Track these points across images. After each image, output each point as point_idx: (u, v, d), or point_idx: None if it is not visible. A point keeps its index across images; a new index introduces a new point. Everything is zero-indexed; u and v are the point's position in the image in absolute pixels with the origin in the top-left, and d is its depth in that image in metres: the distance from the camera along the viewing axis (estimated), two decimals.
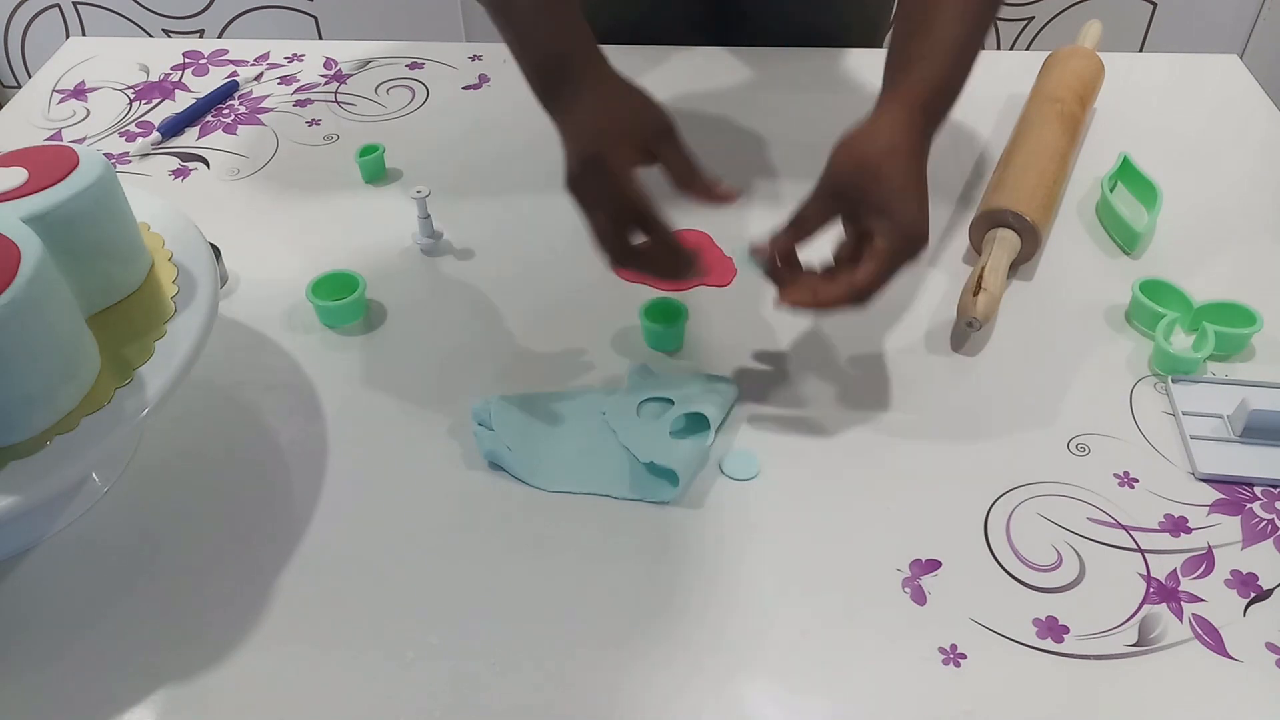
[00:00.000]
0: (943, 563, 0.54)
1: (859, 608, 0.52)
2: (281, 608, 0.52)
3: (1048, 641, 0.51)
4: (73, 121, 0.88)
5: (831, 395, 0.63)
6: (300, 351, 0.66)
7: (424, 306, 0.70)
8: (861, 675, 0.50)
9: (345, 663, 0.50)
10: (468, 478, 0.59)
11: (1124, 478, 0.58)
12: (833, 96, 0.89)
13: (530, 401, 0.62)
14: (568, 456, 0.59)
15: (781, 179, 0.81)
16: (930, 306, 0.69)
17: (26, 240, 0.49)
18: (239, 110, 0.89)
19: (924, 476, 0.59)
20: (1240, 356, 0.66)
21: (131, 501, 0.58)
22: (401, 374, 0.65)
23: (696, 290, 0.71)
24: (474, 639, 0.51)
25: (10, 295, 0.46)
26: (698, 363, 0.65)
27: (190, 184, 0.81)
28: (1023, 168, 0.74)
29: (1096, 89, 0.85)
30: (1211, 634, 0.51)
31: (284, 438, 0.61)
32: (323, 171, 0.82)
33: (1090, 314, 0.69)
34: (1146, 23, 1.76)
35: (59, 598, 0.53)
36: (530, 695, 0.49)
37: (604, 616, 0.52)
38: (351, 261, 0.73)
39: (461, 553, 0.55)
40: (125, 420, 0.50)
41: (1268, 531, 0.56)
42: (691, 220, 0.77)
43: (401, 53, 0.97)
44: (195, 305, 0.56)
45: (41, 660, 0.50)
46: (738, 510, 0.57)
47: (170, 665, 0.50)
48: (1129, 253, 0.74)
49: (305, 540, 0.56)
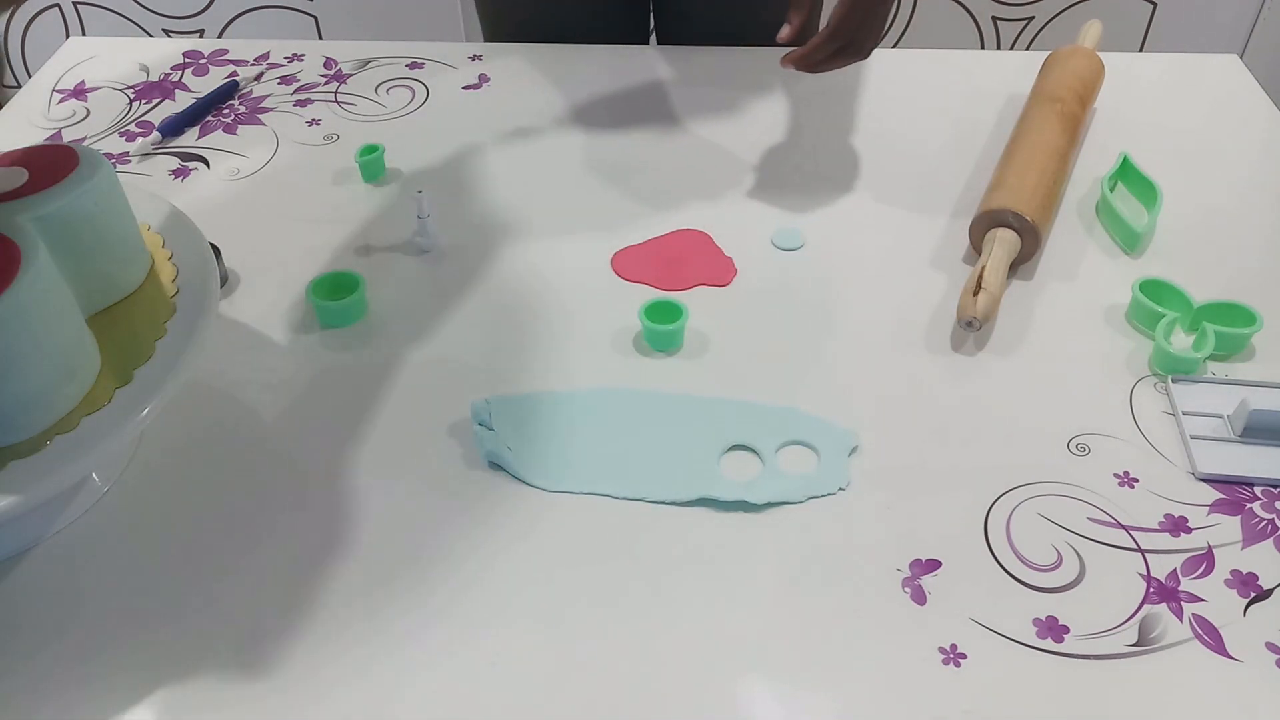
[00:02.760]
0: (943, 563, 0.54)
1: (859, 608, 0.52)
2: (281, 607, 0.52)
3: (1048, 641, 0.51)
4: (73, 121, 0.88)
5: (831, 395, 0.63)
6: (300, 351, 0.66)
7: (424, 306, 0.70)
8: (861, 675, 0.50)
9: (345, 663, 0.50)
10: (468, 478, 0.59)
11: (1124, 478, 0.58)
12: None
13: (530, 401, 0.62)
14: (568, 456, 0.59)
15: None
16: (930, 306, 0.69)
17: (27, 240, 0.49)
18: (239, 110, 0.89)
19: (924, 476, 0.59)
20: (1240, 356, 0.66)
21: (131, 501, 0.58)
22: (401, 374, 0.65)
23: (696, 290, 0.71)
24: (474, 639, 0.51)
25: (10, 295, 0.46)
26: (698, 363, 0.65)
27: (190, 184, 0.81)
28: (1023, 167, 0.74)
29: (1096, 89, 0.85)
30: (1211, 634, 0.51)
31: (284, 438, 0.61)
32: (323, 171, 0.82)
33: (1090, 314, 0.69)
34: (1146, 23, 1.76)
35: (59, 598, 0.53)
36: (530, 694, 0.49)
37: (603, 616, 0.52)
38: (351, 261, 0.73)
39: (461, 553, 0.55)
40: (125, 420, 0.50)
41: (1268, 531, 0.56)
42: (691, 221, 0.77)
43: (401, 53, 0.97)
44: (195, 305, 0.56)
45: (41, 660, 0.50)
46: (737, 509, 0.57)
47: (170, 665, 0.50)
48: (1129, 253, 0.74)
49: (305, 540, 0.56)
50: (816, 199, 0.79)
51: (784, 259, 0.74)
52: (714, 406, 0.62)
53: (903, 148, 0.84)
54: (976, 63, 0.96)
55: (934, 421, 0.62)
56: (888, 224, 0.77)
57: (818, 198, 0.79)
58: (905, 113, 0.88)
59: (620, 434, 0.61)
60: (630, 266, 0.73)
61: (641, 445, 0.60)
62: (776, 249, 0.74)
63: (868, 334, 0.67)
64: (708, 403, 0.62)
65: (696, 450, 0.60)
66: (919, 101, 0.90)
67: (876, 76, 0.93)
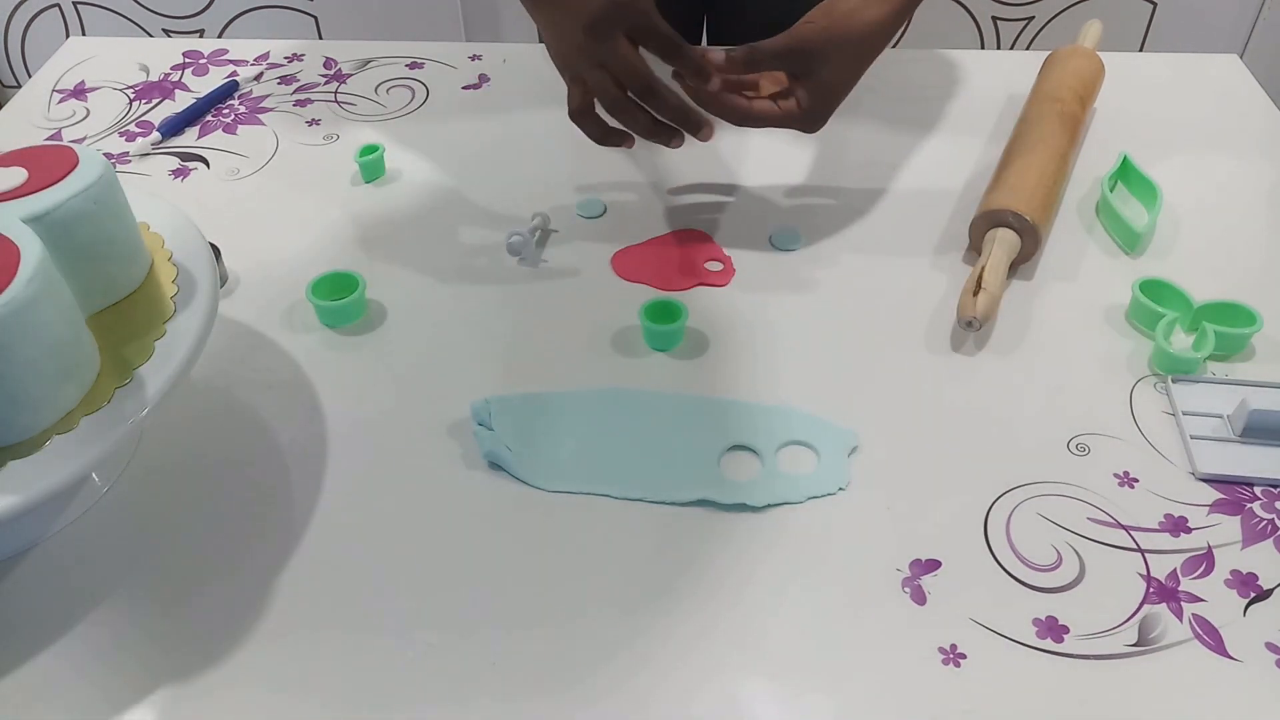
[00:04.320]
0: (943, 563, 0.54)
1: (859, 607, 0.52)
2: (281, 607, 0.52)
3: (1048, 641, 0.51)
4: (73, 121, 0.88)
5: (831, 395, 0.63)
6: (300, 351, 0.66)
7: (424, 306, 0.70)
8: (861, 675, 0.50)
9: (345, 662, 0.50)
10: (468, 478, 0.59)
11: (1124, 478, 0.58)
12: None
13: (530, 401, 0.62)
14: (568, 456, 0.59)
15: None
16: (930, 306, 0.69)
17: (26, 240, 0.49)
18: (239, 110, 0.89)
19: (924, 476, 0.59)
20: (1240, 356, 0.66)
21: (131, 501, 0.58)
22: (401, 374, 0.65)
23: (696, 290, 0.71)
24: (474, 639, 0.51)
25: (10, 295, 0.46)
26: (698, 363, 0.65)
27: (190, 184, 0.81)
28: (1023, 167, 0.74)
29: (1096, 89, 0.85)
30: (1211, 634, 0.51)
31: (284, 438, 0.61)
32: (323, 171, 0.82)
33: (1090, 314, 0.69)
34: (1146, 23, 1.76)
35: (59, 598, 0.53)
36: (530, 695, 0.49)
37: (604, 616, 0.52)
38: (351, 261, 0.73)
39: (461, 553, 0.55)
40: (125, 420, 0.50)
41: (1268, 531, 0.56)
42: (691, 221, 0.77)
43: (401, 53, 0.97)
44: (195, 305, 0.56)
45: (41, 660, 0.50)
46: (737, 509, 0.57)
47: (170, 665, 0.50)
48: (1129, 252, 0.74)
49: (305, 540, 0.56)
50: (816, 199, 0.79)
51: (784, 259, 0.74)
52: (714, 406, 0.62)
53: (903, 147, 0.84)
54: (976, 63, 0.96)
55: (934, 421, 0.62)
56: (888, 224, 0.77)
57: (818, 198, 0.79)
58: (905, 113, 0.88)
59: (620, 434, 0.61)
60: (630, 266, 0.73)
61: (641, 445, 0.60)
62: (776, 249, 0.74)
63: (868, 334, 0.67)
64: (708, 403, 0.62)
65: (696, 450, 0.60)
66: (919, 101, 0.90)
67: (877, 77, 0.92)
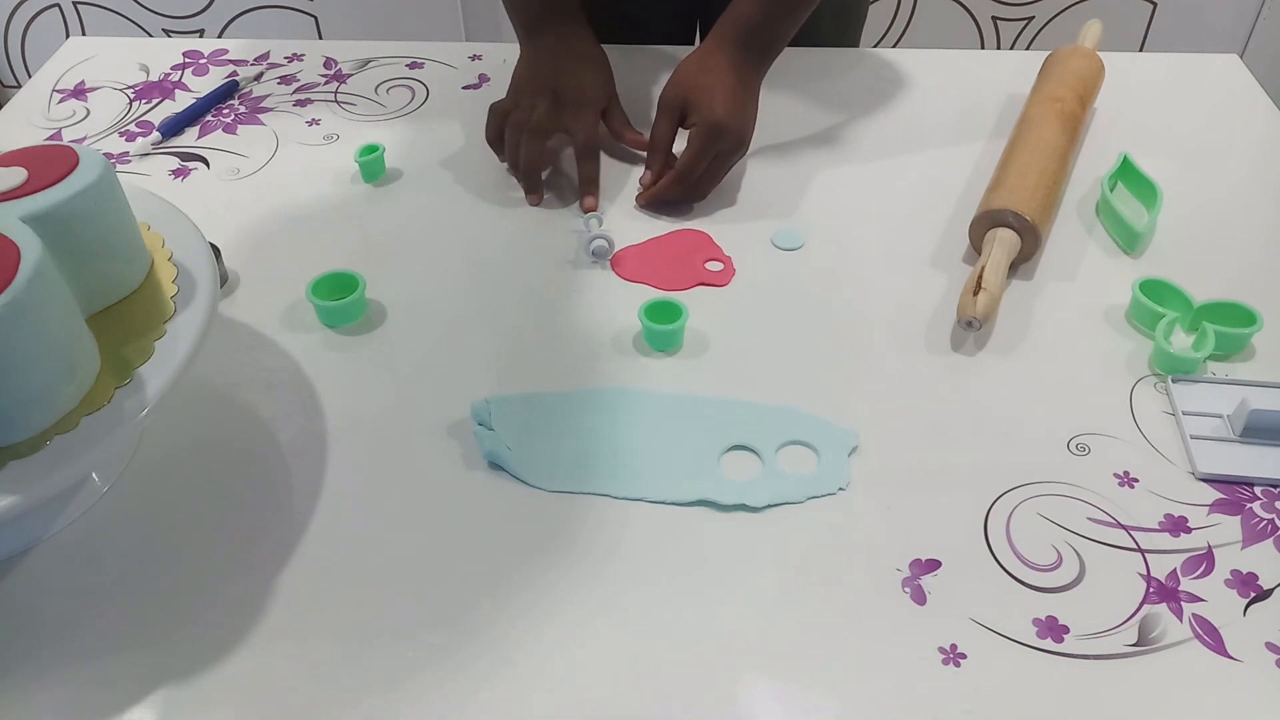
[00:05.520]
0: (943, 563, 0.54)
1: (859, 607, 0.52)
2: (281, 607, 0.52)
3: (1048, 641, 0.51)
4: (73, 121, 0.88)
5: (831, 395, 0.63)
6: (300, 351, 0.66)
7: (424, 306, 0.70)
8: (861, 675, 0.50)
9: (345, 662, 0.50)
10: (468, 478, 0.59)
11: (1124, 478, 0.58)
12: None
13: (530, 401, 0.62)
14: (568, 456, 0.59)
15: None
16: (930, 306, 0.69)
17: (26, 240, 0.49)
18: (239, 110, 0.89)
19: (924, 476, 0.59)
20: (1240, 356, 0.66)
21: (131, 501, 0.58)
22: (401, 374, 0.65)
23: (696, 290, 0.71)
24: (474, 639, 0.51)
25: (10, 295, 0.46)
26: (698, 363, 0.65)
27: (190, 184, 0.81)
28: (1023, 167, 0.74)
29: (1096, 89, 0.85)
30: (1211, 634, 0.51)
31: (284, 438, 0.61)
32: (323, 171, 0.82)
33: (1090, 314, 0.69)
34: (1146, 23, 1.76)
35: (59, 598, 0.53)
36: (530, 694, 0.49)
37: (604, 617, 0.52)
38: (351, 261, 0.73)
39: (461, 553, 0.55)
40: (125, 420, 0.50)
41: (1268, 531, 0.56)
42: (691, 221, 0.77)
43: (401, 53, 0.97)
44: (195, 305, 0.56)
45: (41, 660, 0.50)
46: (737, 510, 0.57)
47: (170, 665, 0.50)
48: (1129, 252, 0.74)
49: (305, 540, 0.56)
50: (816, 199, 0.79)
51: (784, 259, 0.74)
52: (714, 406, 0.62)
53: (903, 148, 0.84)
54: (976, 63, 0.96)
55: (934, 421, 0.62)
56: (888, 224, 0.77)
57: (818, 198, 0.79)
58: (905, 113, 0.88)
59: (620, 434, 0.61)
60: (630, 266, 0.73)
61: (641, 445, 0.60)
62: (776, 249, 0.74)
63: (868, 334, 0.67)
64: (708, 403, 0.62)
65: (696, 450, 0.60)
66: (919, 101, 0.90)
67: (877, 77, 0.93)
